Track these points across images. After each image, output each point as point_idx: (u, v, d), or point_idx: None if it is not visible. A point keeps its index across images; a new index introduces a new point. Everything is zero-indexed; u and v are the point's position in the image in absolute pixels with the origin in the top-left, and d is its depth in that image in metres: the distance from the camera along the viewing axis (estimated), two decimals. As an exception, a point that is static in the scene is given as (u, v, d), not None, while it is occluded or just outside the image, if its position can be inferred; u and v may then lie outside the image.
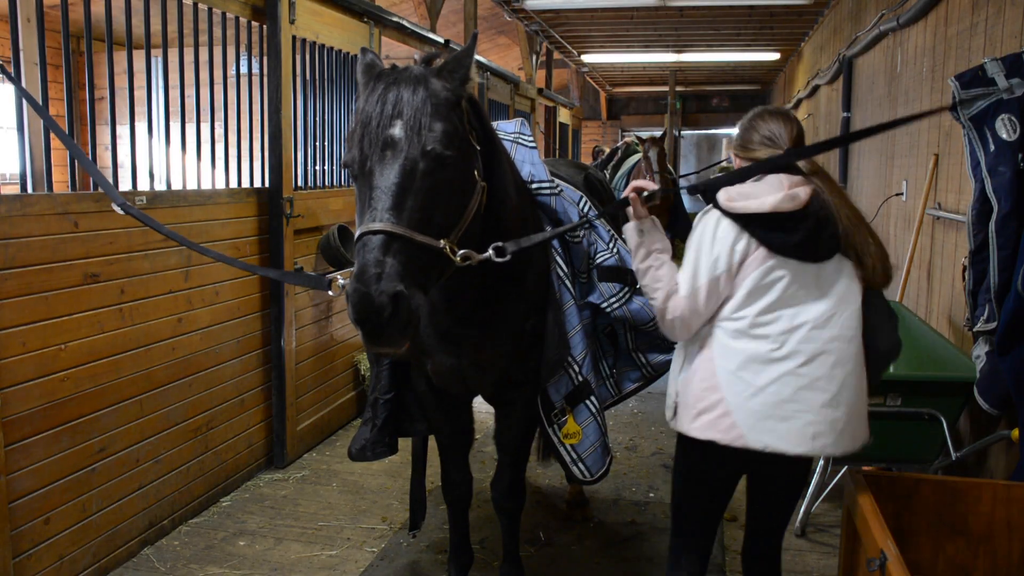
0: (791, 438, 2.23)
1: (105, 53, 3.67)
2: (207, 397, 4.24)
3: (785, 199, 2.22)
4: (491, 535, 3.99)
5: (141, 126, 3.98)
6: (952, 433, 3.69)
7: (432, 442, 3.56)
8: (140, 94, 4.21)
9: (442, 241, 2.18)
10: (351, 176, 2.25)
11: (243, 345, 4.53)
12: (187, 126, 4.50)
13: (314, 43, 5.02)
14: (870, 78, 7.43)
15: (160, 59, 4.07)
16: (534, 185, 3.03)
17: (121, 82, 4.26)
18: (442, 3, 8.45)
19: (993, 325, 3.31)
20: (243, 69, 4.72)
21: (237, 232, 4.45)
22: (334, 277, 2.33)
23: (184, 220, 4.01)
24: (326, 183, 5.36)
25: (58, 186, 4.21)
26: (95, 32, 4.18)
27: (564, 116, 14.77)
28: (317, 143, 5.21)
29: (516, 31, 12.57)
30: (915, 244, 5.26)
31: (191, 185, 4.37)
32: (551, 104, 13.50)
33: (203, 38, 4.78)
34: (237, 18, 4.48)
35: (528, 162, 3.07)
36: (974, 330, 3.49)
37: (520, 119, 3.27)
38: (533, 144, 3.12)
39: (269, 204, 4.68)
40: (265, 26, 4.62)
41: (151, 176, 3.96)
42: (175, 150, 5.80)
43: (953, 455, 3.67)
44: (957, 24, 4.73)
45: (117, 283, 3.60)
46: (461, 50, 2.34)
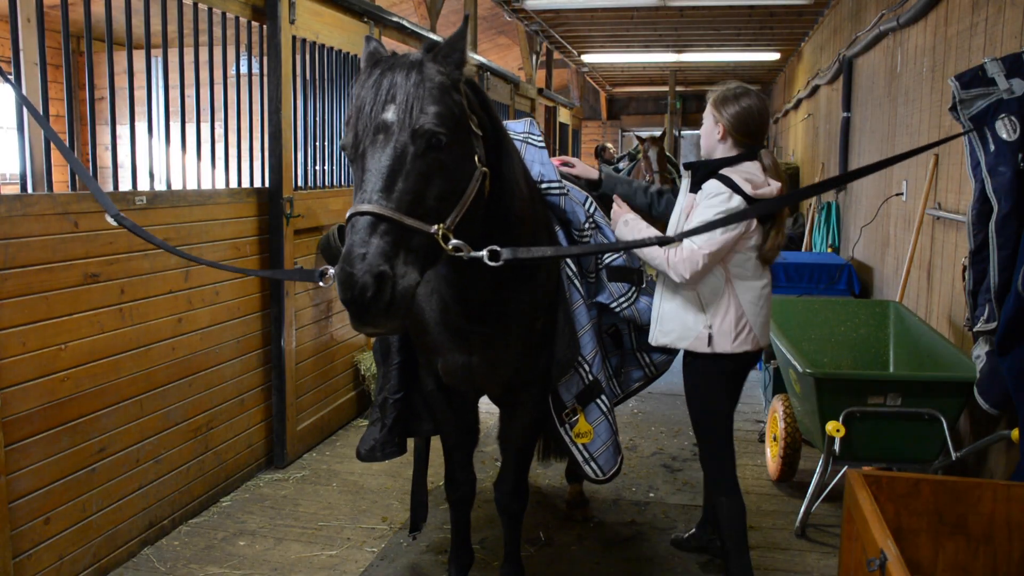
0: (767, 335, 3.19)
1: (105, 53, 3.67)
2: (207, 397, 4.24)
3: (774, 188, 3.06)
4: (491, 535, 3.99)
5: (141, 126, 3.97)
6: (952, 433, 3.70)
7: (435, 443, 3.56)
8: (140, 94, 4.21)
9: (436, 226, 2.16)
10: (349, 161, 2.26)
11: (243, 345, 4.53)
12: (187, 126, 4.50)
13: (314, 43, 5.02)
14: (870, 78, 7.43)
15: (160, 59, 4.07)
16: (544, 185, 3.03)
17: (121, 82, 4.27)
18: (442, 3, 8.45)
19: (993, 325, 3.31)
20: (243, 69, 4.72)
21: (237, 232, 4.45)
22: (325, 269, 2.31)
23: (184, 220, 4.01)
24: (326, 183, 5.36)
25: (58, 186, 4.19)
26: (95, 32, 4.18)
27: (564, 116, 14.77)
28: (317, 143, 5.21)
29: (516, 31, 12.57)
30: (915, 244, 5.26)
31: (191, 185, 4.37)
32: (551, 104, 13.50)
33: (203, 38, 4.78)
34: (237, 18, 4.48)
35: (538, 162, 3.07)
36: (974, 330, 3.49)
37: (529, 119, 3.27)
38: (543, 144, 3.13)
39: (269, 204, 4.68)
40: (265, 26, 4.62)
41: (151, 176, 3.96)
42: (175, 150, 5.79)
43: (953, 455, 3.67)
44: (957, 24, 4.73)
45: (117, 283, 3.60)
46: (454, 33, 2.33)
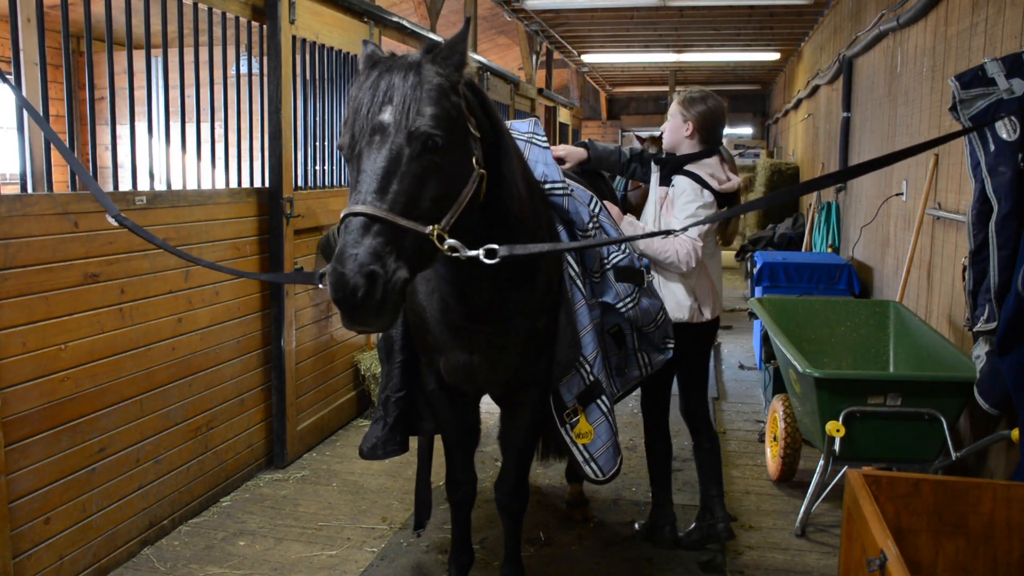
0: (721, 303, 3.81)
1: (105, 53, 3.67)
2: (207, 397, 4.24)
3: (735, 182, 3.60)
4: (491, 535, 3.99)
5: (141, 126, 3.97)
6: (952, 433, 3.70)
7: (437, 442, 3.56)
8: (140, 94, 4.21)
9: (430, 227, 2.17)
10: (345, 161, 2.26)
11: (243, 345, 4.53)
12: (187, 126, 4.50)
13: (314, 43, 5.02)
14: (870, 78, 7.43)
15: (160, 59, 4.07)
16: (547, 185, 3.03)
17: (121, 82, 4.27)
18: (442, 3, 8.46)
19: (993, 325, 3.30)
20: (243, 69, 4.72)
21: (237, 232, 4.45)
22: (324, 271, 2.34)
23: (184, 220, 4.01)
24: (326, 183, 5.36)
25: (58, 186, 4.20)
26: (95, 32, 4.18)
27: (564, 116, 14.77)
28: (317, 143, 5.21)
29: (516, 31, 12.58)
30: (915, 244, 5.26)
31: (191, 185, 4.37)
32: (551, 104, 13.50)
33: (203, 38, 4.78)
34: (237, 18, 4.48)
35: (542, 162, 3.07)
36: (974, 330, 3.49)
37: (533, 119, 3.27)
38: (546, 144, 3.13)
39: (269, 204, 4.68)
40: (265, 26, 4.62)
41: (151, 176, 3.96)
42: (175, 150, 5.80)
43: (953, 455, 3.67)
44: (957, 24, 4.73)
45: (117, 283, 3.60)
46: (455, 35, 2.34)
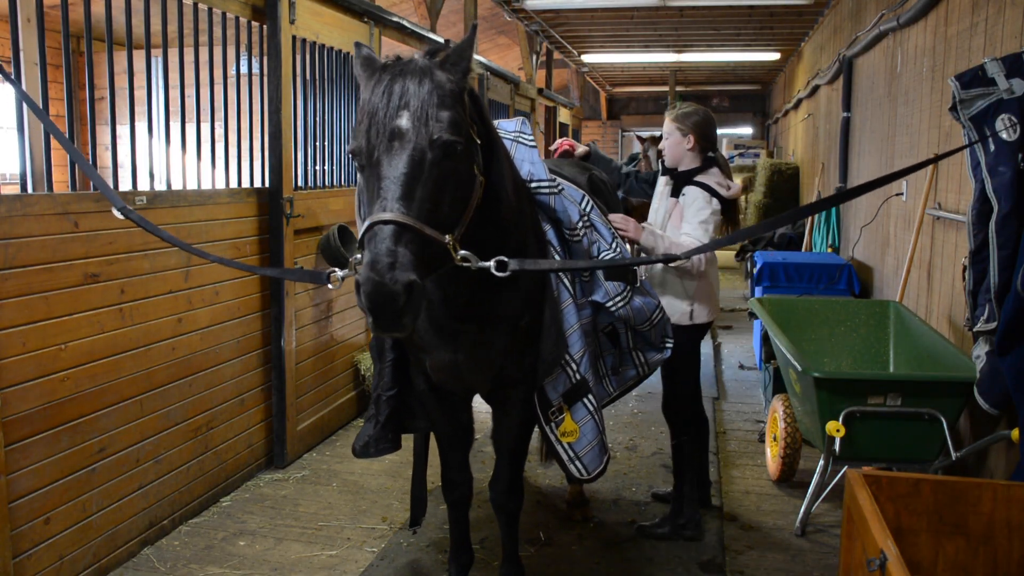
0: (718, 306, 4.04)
1: (105, 53, 3.67)
2: (207, 397, 4.24)
3: (736, 187, 3.84)
4: (491, 535, 3.99)
5: (141, 126, 3.97)
6: (952, 433, 3.70)
7: (433, 440, 3.56)
8: (140, 94, 4.21)
9: (447, 236, 2.21)
10: (357, 167, 2.26)
11: (243, 345, 4.53)
12: (187, 126, 4.50)
13: (314, 43, 5.02)
14: (870, 78, 7.43)
15: (160, 59, 4.07)
16: (533, 184, 3.02)
17: (121, 82, 4.27)
18: (442, 3, 8.46)
19: (993, 325, 3.30)
20: (243, 69, 4.72)
21: (237, 232, 4.45)
22: (332, 270, 2.35)
23: (184, 220, 4.01)
24: (326, 183, 5.35)
25: (58, 186, 4.20)
26: (95, 32, 4.18)
27: (564, 116, 14.77)
28: (317, 143, 5.21)
29: (516, 31, 12.58)
30: (915, 244, 5.26)
31: (191, 185, 4.36)
32: (551, 104, 13.50)
33: (203, 38, 4.78)
34: (237, 18, 4.48)
35: (528, 161, 3.07)
36: (974, 330, 3.49)
37: (521, 118, 3.27)
38: (533, 143, 3.12)
39: (269, 204, 4.68)
40: (265, 26, 4.62)
41: (151, 176, 3.96)
42: (175, 150, 5.80)
43: (953, 455, 3.67)
44: (957, 24, 4.73)
45: (117, 283, 3.60)
46: (462, 41, 2.34)
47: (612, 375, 3.44)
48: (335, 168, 5.47)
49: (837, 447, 3.77)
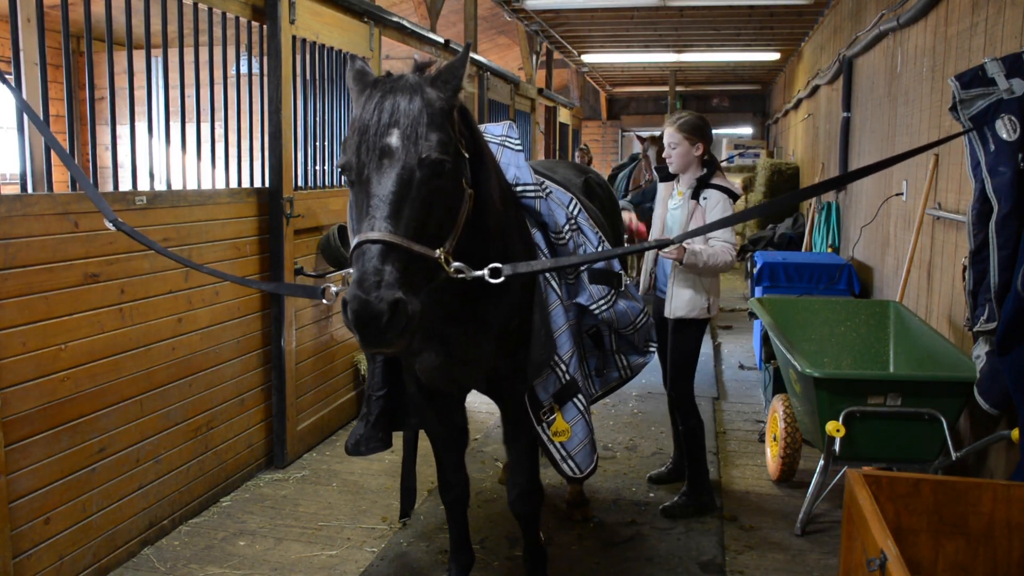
0: None
1: (105, 53, 3.67)
2: (207, 397, 4.24)
3: (737, 184, 4.16)
4: (491, 535, 3.99)
5: (141, 126, 3.97)
6: (952, 433, 3.70)
7: (424, 434, 3.58)
8: (140, 94, 4.20)
9: (438, 251, 2.23)
10: (348, 182, 2.27)
11: (243, 345, 4.53)
12: (187, 126, 4.50)
13: (314, 43, 5.02)
14: (870, 78, 7.43)
15: (160, 59, 4.07)
16: (519, 188, 3.05)
17: (121, 82, 4.26)
18: (442, 3, 8.45)
19: (993, 325, 3.30)
20: (243, 69, 4.72)
21: (237, 232, 4.45)
22: (327, 286, 2.38)
23: (184, 220, 4.01)
24: (326, 183, 5.35)
25: (58, 186, 4.20)
26: (95, 32, 4.18)
27: (564, 116, 14.76)
28: (317, 143, 5.21)
29: (516, 31, 12.57)
30: (915, 244, 5.26)
31: (191, 185, 4.36)
32: (551, 104, 13.49)
33: (203, 38, 4.78)
34: (237, 18, 4.48)
35: (514, 165, 3.09)
36: (974, 330, 3.49)
37: (508, 122, 3.30)
38: (519, 147, 3.15)
39: (269, 204, 4.68)
40: (265, 26, 4.62)
41: (151, 176, 3.96)
42: (175, 150, 5.80)
43: (953, 455, 3.67)
44: (957, 24, 4.73)
45: (117, 283, 3.60)
46: (454, 60, 2.36)
47: (596, 377, 3.48)
48: (335, 168, 5.46)
49: (837, 447, 3.77)
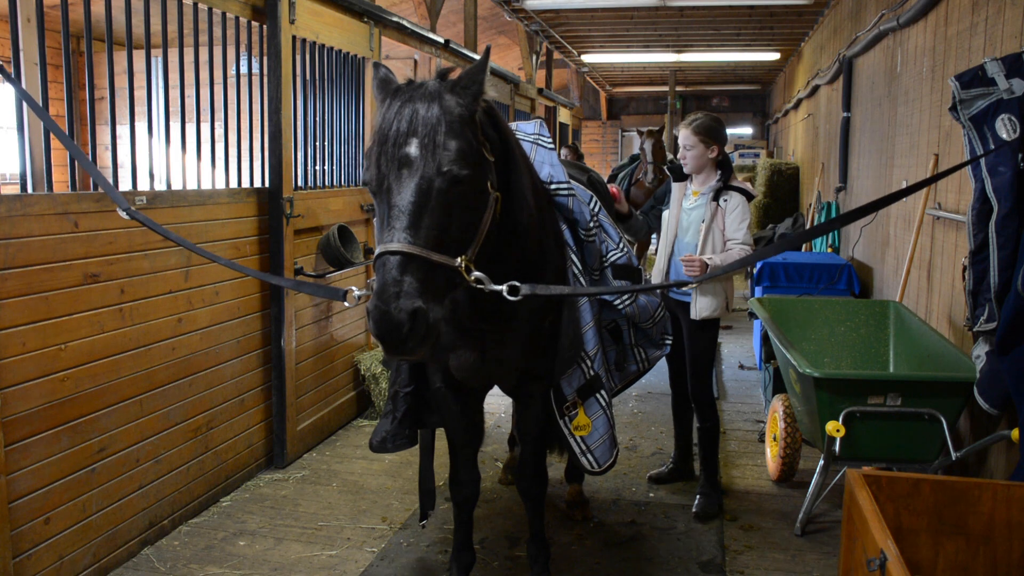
0: None
1: (105, 53, 3.67)
2: (207, 397, 4.24)
3: (748, 184, 4.11)
4: (491, 535, 3.99)
5: (141, 126, 3.97)
6: (952, 433, 3.69)
7: (440, 434, 3.61)
8: (140, 94, 4.21)
9: (459, 259, 2.24)
10: (371, 192, 2.31)
11: (243, 345, 4.53)
12: (187, 126, 4.50)
13: (314, 43, 5.02)
14: (870, 78, 7.43)
15: (160, 59, 4.07)
16: (552, 186, 3.13)
17: (121, 82, 4.28)
18: (442, 3, 8.46)
19: (993, 325, 3.30)
20: (243, 69, 4.72)
21: (237, 232, 4.45)
22: (350, 289, 2.44)
23: (184, 220, 4.01)
24: (326, 183, 5.35)
25: (58, 186, 4.21)
26: (95, 32, 4.19)
27: (564, 116, 14.76)
28: (317, 143, 5.21)
29: (516, 31, 12.57)
30: (915, 244, 5.26)
31: (191, 185, 4.36)
32: (551, 104, 13.49)
33: (203, 38, 4.78)
34: (237, 18, 4.48)
35: (548, 163, 3.18)
36: (974, 330, 3.49)
37: (539, 120, 3.39)
38: (552, 146, 3.26)
39: (269, 204, 4.68)
40: (265, 26, 4.62)
41: (151, 176, 3.96)
42: (175, 150, 5.80)
43: (953, 455, 3.67)
44: (957, 24, 4.73)
45: (117, 283, 3.60)
46: (475, 65, 2.37)
47: (616, 371, 3.54)
48: (335, 168, 5.47)
49: (837, 447, 3.77)
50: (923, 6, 5.32)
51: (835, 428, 3.70)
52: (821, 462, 3.93)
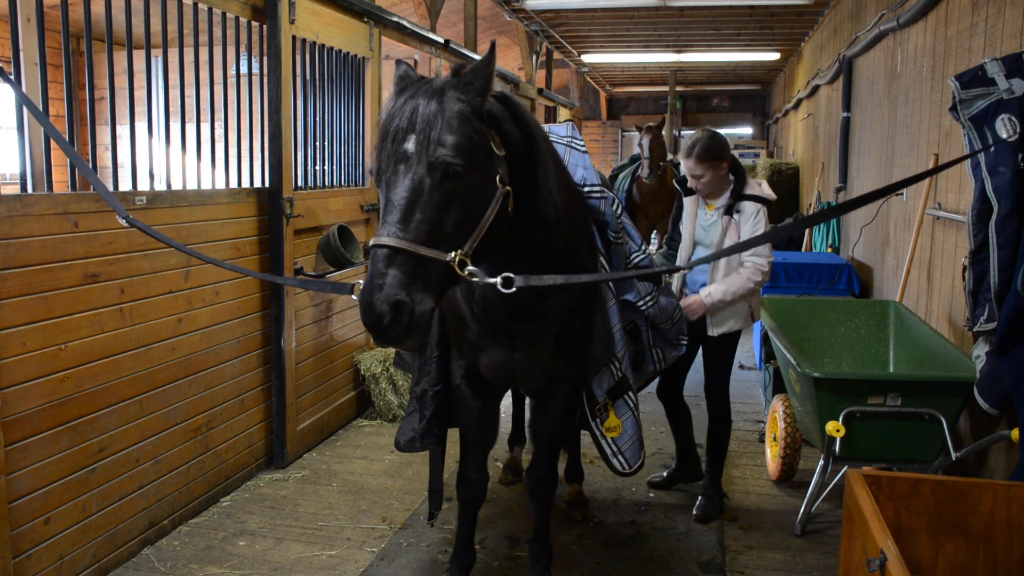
0: None
1: (105, 53, 3.67)
2: (207, 397, 4.24)
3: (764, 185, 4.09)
4: (491, 535, 3.99)
5: (141, 126, 3.97)
6: (952, 433, 3.70)
7: (450, 434, 3.62)
8: (140, 94, 4.20)
9: (452, 253, 2.24)
10: (376, 187, 2.35)
11: (243, 345, 4.53)
12: (187, 126, 4.50)
13: (314, 43, 5.02)
14: (870, 78, 7.43)
15: (160, 59, 4.07)
16: (586, 188, 3.17)
17: (121, 82, 4.28)
18: (442, 3, 8.45)
19: (993, 325, 3.31)
20: (243, 69, 4.72)
21: (237, 232, 4.45)
22: (357, 283, 2.45)
23: (184, 220, 4.01)
24: (326, 183, 5.35)
25: (58, 186, 4.20)
26: (95, 32, 4.19)
27: (564, 116, 14.75)
28: (317, 143, 5.21)
29: (516, 31, 12.57)
30: (915, 244, 5.26)
31: (191, 185, 4.36)
32: (551, 104, 13.49)
33: (203, 38, 4.78)
34: (237, 18, 4.48)
35: (581, 166, 3.23)
36: (974, 330, 3.49)
37: (570, 123, 3.45)
38: (584, 148, 3.32)
39: (269, 204, 4.68)
40: (265, 26, 4.62)
41: (151, 176, 3.96)
42: (175, 150, 5.80)
43: (953, 455, 3.67)
44: (957, 24, 4.73)
45: (117, 283, 3.60)
46: (480, 60, 2.38)
47: (634, 371, 3.57)
48: (335, 168, 5.46)
49: (837, 447, 3.77)
50: (923, 6, 5.33)
51: (835, 428, 3.70)
52: (821, 462, 3.93)
